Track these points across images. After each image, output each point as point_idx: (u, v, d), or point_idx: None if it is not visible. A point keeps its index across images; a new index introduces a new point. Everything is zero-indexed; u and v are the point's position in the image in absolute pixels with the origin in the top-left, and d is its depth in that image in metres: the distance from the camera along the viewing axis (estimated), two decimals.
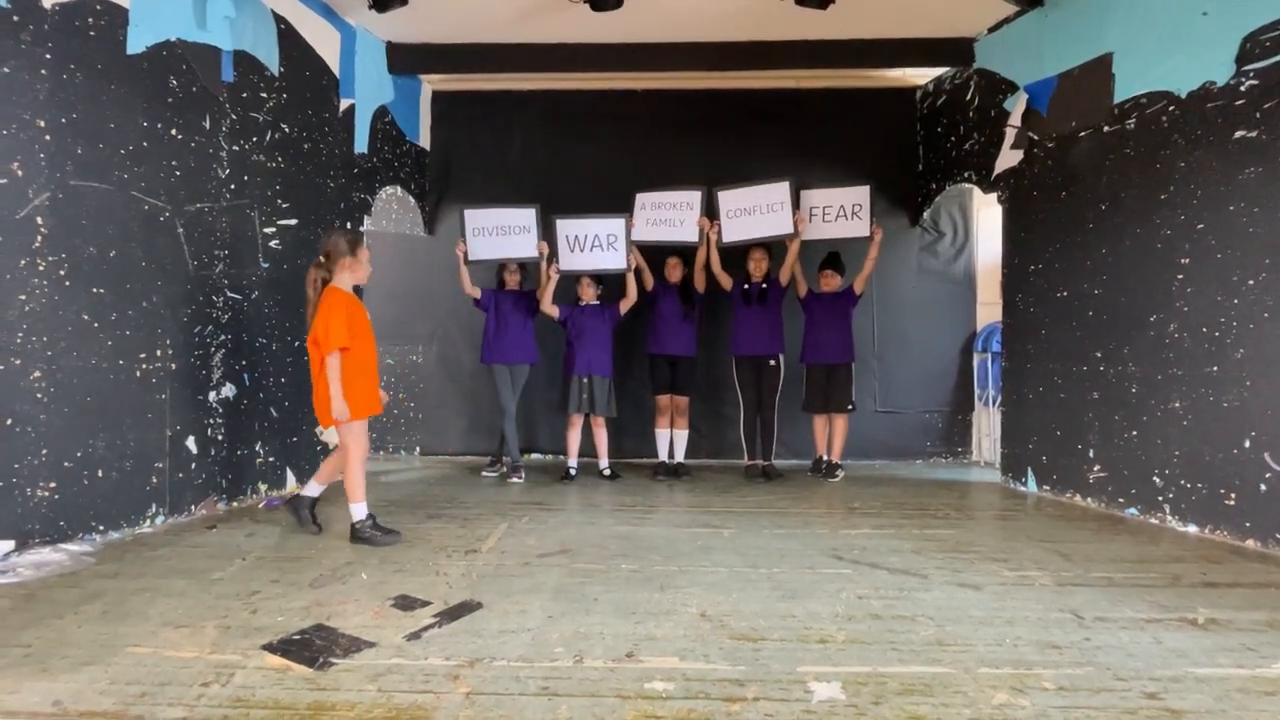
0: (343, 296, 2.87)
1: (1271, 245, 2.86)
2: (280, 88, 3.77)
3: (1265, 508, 2.86)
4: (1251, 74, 2.93)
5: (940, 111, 4.97)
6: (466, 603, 2.20)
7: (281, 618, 2.07)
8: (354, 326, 2.84)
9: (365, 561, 2.63)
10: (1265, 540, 2.85)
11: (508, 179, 5.21)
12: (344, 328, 2.78)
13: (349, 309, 2.85)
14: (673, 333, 4.37)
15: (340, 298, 2.86)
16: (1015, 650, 1.88)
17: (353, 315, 2.86)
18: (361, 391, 2.88)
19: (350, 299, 2.92)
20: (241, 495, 3.57)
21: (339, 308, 2.81)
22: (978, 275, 5.22)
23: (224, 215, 3.45)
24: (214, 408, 3.38)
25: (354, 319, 2.86)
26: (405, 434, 5.28)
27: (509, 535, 3.04)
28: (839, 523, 3.31)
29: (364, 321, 2.94)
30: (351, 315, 2.85)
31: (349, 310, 2.85)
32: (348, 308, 2.85)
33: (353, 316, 2.85)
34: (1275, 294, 2.85)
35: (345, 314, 2.81)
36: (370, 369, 2.95)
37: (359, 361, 2.88)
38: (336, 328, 2.77)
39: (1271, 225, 2.86)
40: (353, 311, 2.88)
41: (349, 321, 2.81)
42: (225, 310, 3.46)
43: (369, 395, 2.93)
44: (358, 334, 2.86)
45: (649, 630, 1.99)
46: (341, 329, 2.78)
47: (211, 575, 2.45)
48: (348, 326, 2.80)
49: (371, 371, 2.96)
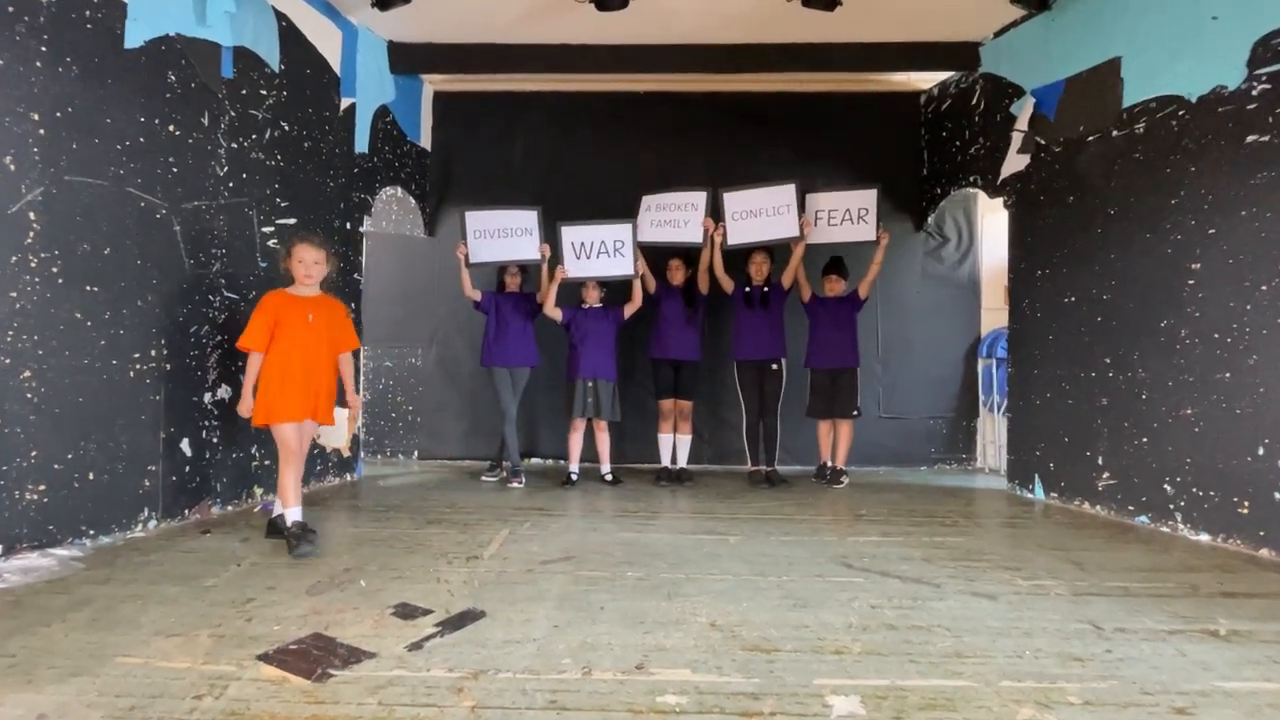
0: (269, 299, 2.86)
1: None
2: (280, 85, 3.72)
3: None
4: (1264, 78, 2.91)
5: (945, 116, 4.95)
6: (469, 611, 2.14)
7: (278, 626, 2.00)
8: (279, 329, 2.82)
9: (364, 568, 2.56)
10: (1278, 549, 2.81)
11: (509, 181, 5.16)
12: (257, 329, 2.79)
13: (274, 311, 2.83)
14: (676, 336, 4.32)
15: (266, 300, 2.86)
16: (1036, 662, 1.82)
17: (279, 318, 2.82)
18: (275, 395, 2.80)
19: (279, 301, 2.87)
20: (237, 499, 3.49)
21: (258, 309, 2.83)
22: (982, 280, 5.19)
23: (221, 213, 3.39)
24: (209, 409, 3.31)
25: (280, 322, 2.82)
26: (403, 438, 5.21)
27: (511, 541, 2.97)
28: (846, 530, 3.26)
29: (292, 324, 2.85)
30: (278, 318, 2.82)
31: (272, 313, 2.82)
32: (273, 310, 2.83)
33: (279, 320, 2.82)
34: None
35: (263, 315, 2.81)
36: (291, 373, 2.83)
37: (277, 365, 2.81)
38: (249, 328, 2.81)
39: None
40: (280, 315, 2.83)
41: (267, 324, 2.80)
42: (222, 310, 3.39)
43: (285, 400, 2.81)
44: (280, 337, 2.82)
45: (658, 640, 1.93)
46: (252, 330, 2.80)
47: (205, 582, 2.38)
48: (265, 329, 2.79)
49: (293, 376, 2.84)
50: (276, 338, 2.82)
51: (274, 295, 2.89)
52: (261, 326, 2.80)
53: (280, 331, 2.82)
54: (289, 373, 2.83)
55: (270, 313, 2.83)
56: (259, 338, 2.79)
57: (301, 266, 2.89)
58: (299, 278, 2.91)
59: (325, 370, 2.94)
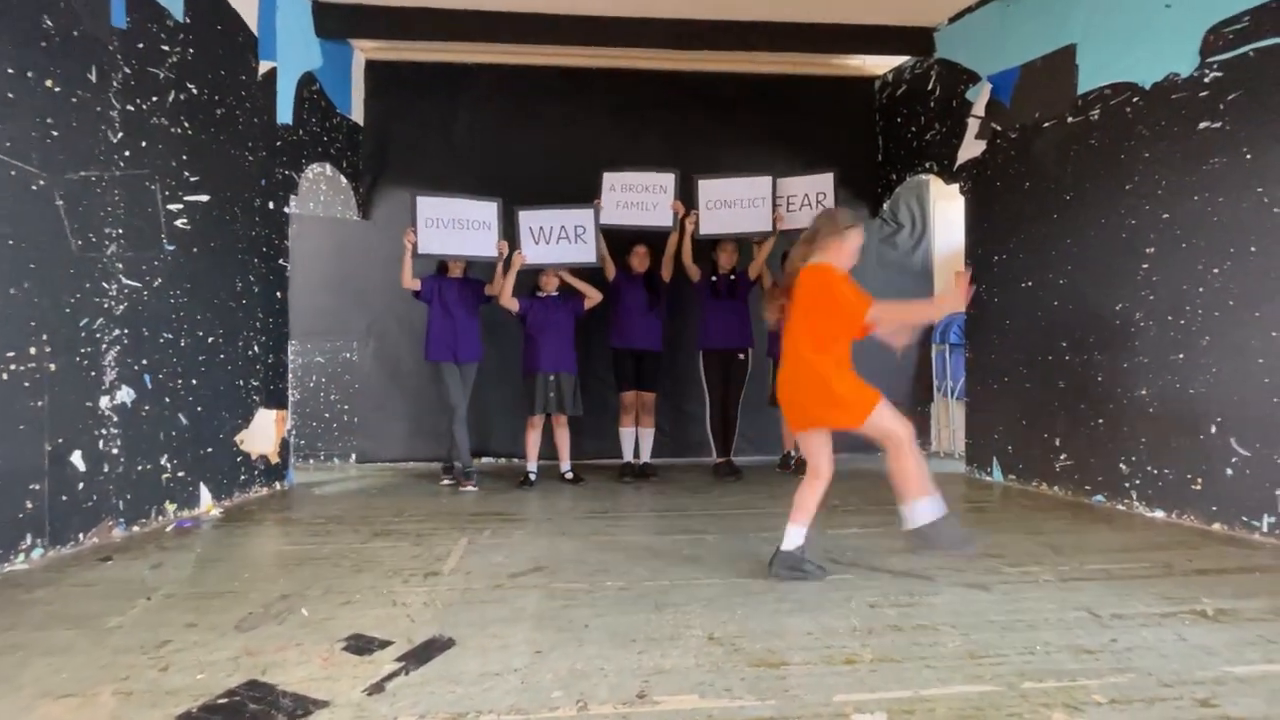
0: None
1: (1236, 234, 2.91)
2: (186, 41, 3.24)
3: (1231, 492, 2.92)
4: (1215, 66, 2.98)
5: (900, 101, 4.95)
6: (435, 639, 1.87)
7: (202, 675, 1.67)
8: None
9: (305, 593, 2.23)
10: (1232, 524, 2.91)
11: (451, 160, 4.79)
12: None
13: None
14: (638, 326, 4.12)
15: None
16: (1050, 658, 1.75)
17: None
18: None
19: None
20: (144, 519, 3.03)
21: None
22: (935, 267, 5.26)
23: (116, 187, 2.90)
24: (107, 416, 2.84)
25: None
26: (339, 440, 4.77)
27: (471, 552, 2.70)
28: (825, 522, 3.15)
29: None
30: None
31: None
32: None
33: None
34: (1240, 282, 2.90)
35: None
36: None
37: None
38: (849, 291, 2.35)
39: (1235, 215, 2.92)
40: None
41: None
42: (120, 300, 2.92)
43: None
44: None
45: (656, 661, 1.74)
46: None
47: (107, 622, 2.00)
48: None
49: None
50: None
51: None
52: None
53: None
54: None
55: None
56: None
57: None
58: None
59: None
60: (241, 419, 3.65)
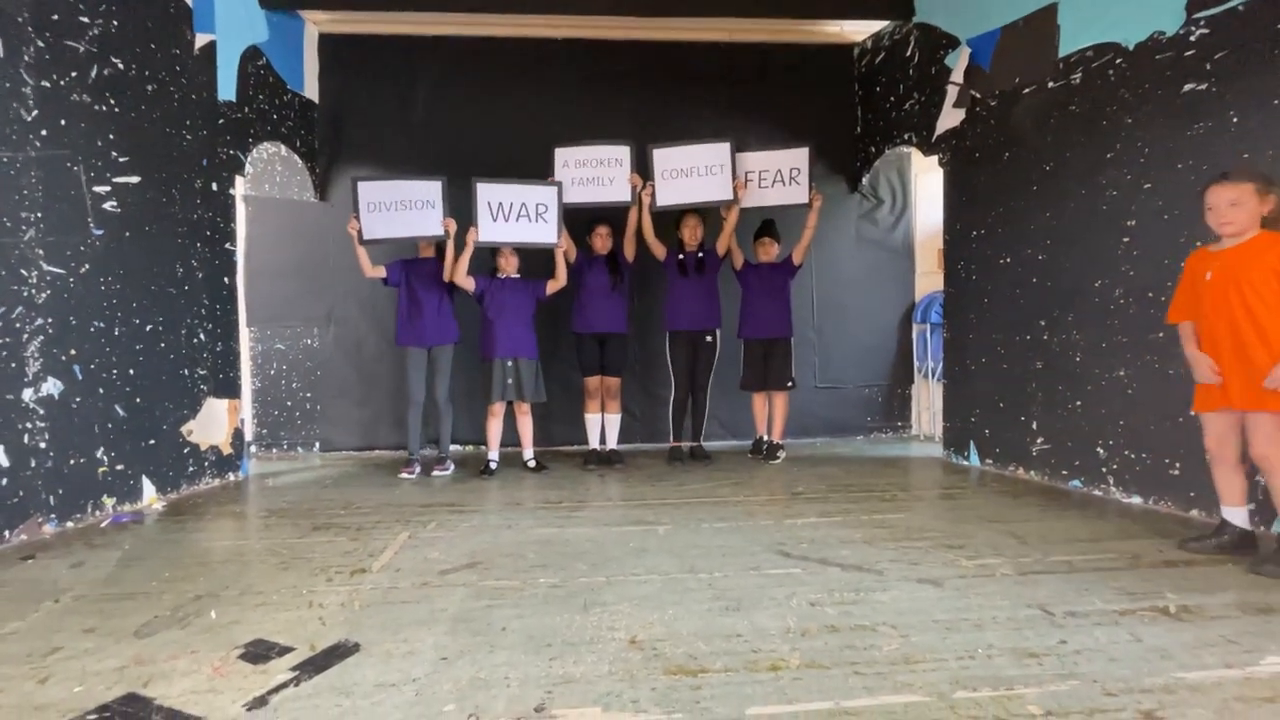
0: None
1: None
2: (107, 12, 3.06)
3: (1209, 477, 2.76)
4: (1202, 22, 2.78)
5: (879, 70, 4.73)
6: (339, 645, 1.77)
7: (80, 687, 1.57)
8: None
9: (221, 594, 2.13)
10: (1210, 510, 2.77)
11: (410, 137, 4.62)
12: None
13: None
14: (601, 308, 3.97)
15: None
16: (990, 663, 1.63)
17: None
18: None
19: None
20: (79, 514, 2.94)
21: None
22: (916, 244, 5.07)
23: (33, 168, 2.76)
24: (31, 409, 2.73)
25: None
26: (302, 429, 4.67)
27: (409, 547, 2.59)
28: (783, 511, 3.05)
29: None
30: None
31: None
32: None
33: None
34: None
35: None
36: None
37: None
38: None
39: None
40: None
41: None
42: (42, 287, 2.79)
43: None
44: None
45: (565, 669, 1.62)
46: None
47: (4, 627, 1.90)
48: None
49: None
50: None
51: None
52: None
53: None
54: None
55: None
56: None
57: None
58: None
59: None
60: (188, 409, 3.53)
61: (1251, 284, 2.21)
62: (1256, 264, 2.21)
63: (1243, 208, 2.24)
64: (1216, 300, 2.29)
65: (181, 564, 2.43)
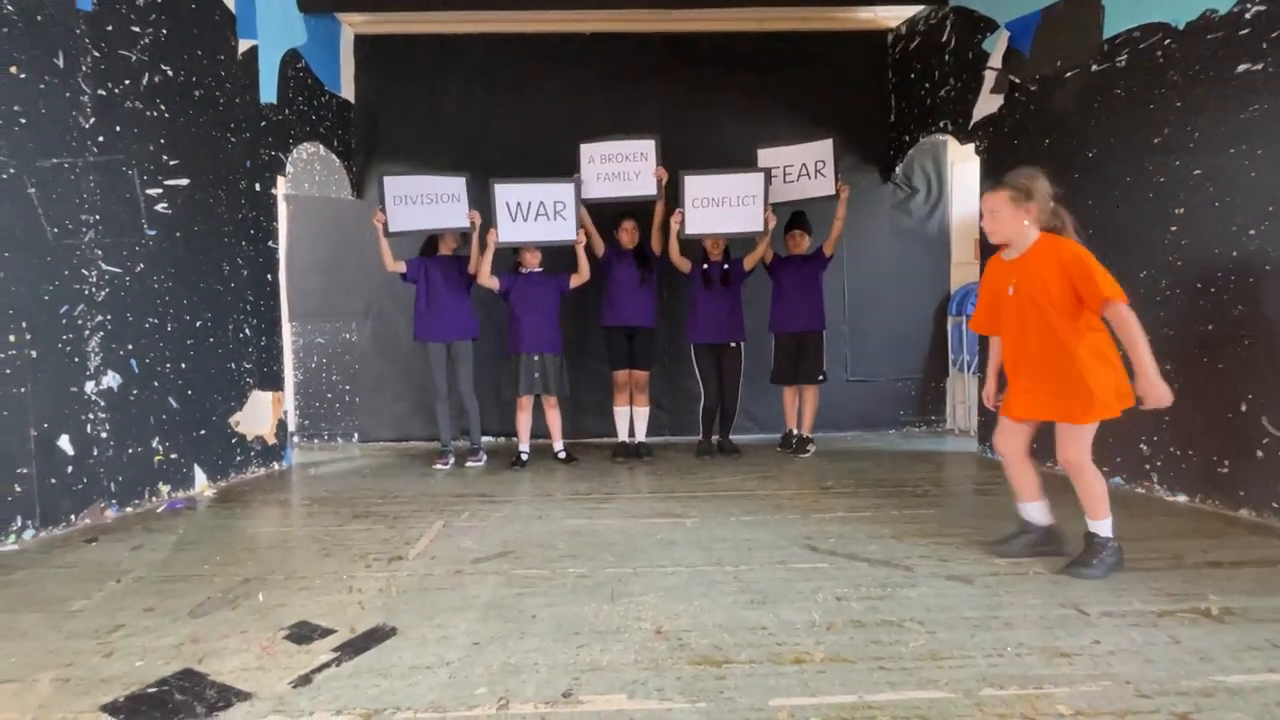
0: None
1: (1276, 190, 2.61)
2: (157, 21, 3.20)
3: (1261, 476, 2.67)
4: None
5: (914, 56, 4.61)
6: (378, 629, 1.84)
7: (141, 662, 1.68)
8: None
9: (268, 578, 2.24)
10: (1261, 510, 2.67)
11: (443, 134, 4.70)
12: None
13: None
14: (629, 301, 4.00)
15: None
16: (1020, 662, 1.61)
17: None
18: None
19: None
20: (137, 500, 3.11)
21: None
22: (952, 234, 4.96)
23: (91, 173, 2.91)
24: (93, 400, 2.90)
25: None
26: (341, 420, 4.83)
27: (443, 536, 2.68)
28: (811, 505, 3.04)
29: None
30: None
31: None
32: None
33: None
34: (1279, 244, 2.61)
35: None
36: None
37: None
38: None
39: (1275, 168, 2.61)
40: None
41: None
42: (101, 286, 2.95)
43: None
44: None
45: (593, 657, 1.67)
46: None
47: (71, 605, 2.04)
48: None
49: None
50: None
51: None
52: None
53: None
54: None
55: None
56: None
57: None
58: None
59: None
60: (235, 401, 3.70)
61: (1045, 291, 2.09)
62: (1039, 271, 2.10)
63: (998, 217, 2.15)
64: (1015, 312, 2.18)
65: (231, 549, 2.56)
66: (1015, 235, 2.16)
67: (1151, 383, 1.99)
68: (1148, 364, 1.98)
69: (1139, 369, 1.99)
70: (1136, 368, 2.00)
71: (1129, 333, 2.00)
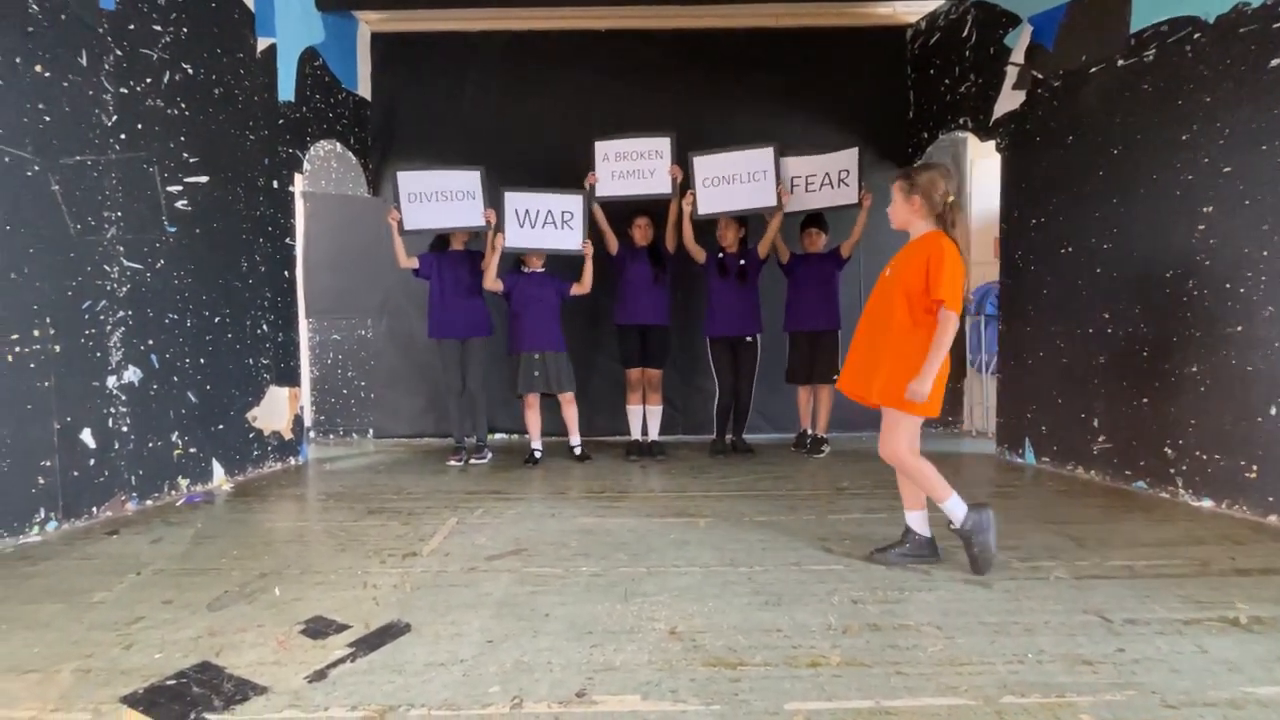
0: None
1: None
2: (178, 20, 3.23)
3: None
4: None
5: (933, 51, 4.55)
6: (392, 625, 1.85)
7: (160, 654, 1.69)
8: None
9: (284, 572, 2.26)
10: None
11: (458, 131, 4.71)
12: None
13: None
14: (642, 300, 3.98)
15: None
16: (1041, 669, 1.58)
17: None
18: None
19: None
20: (157, 493, 3.15)
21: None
22: (971, 232, 4.88)
23: (113, 170, 2.95)
24: (114, 395, 2.94)
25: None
26: (356, 416, 4.87)
27: (457, 532, 2.68)
28: (826, 506, 3.01)
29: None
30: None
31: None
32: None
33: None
34: None
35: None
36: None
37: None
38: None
39: None
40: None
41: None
42: (123, 282, 2.99)
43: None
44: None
45: (606, 656, 1.66)
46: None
47: (93, 596, 2.07)
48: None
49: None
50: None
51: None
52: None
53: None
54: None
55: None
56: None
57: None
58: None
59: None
60: (253, 397, 3.73)
61: (912, 279, 2.13)
62: (913, 259, 2.15)
63: (893, 206, 2.24)
64: (883, 293, 2.25)
65: (248, 543, 2.59)
66: (906, 224, 2.24)
67: (923, 382, 2.08)
68: (933, 368, 2.08)
69: (924, 367, 2.08)
70: (923, 366, 2.09)
71: (941, 336, 2.09)
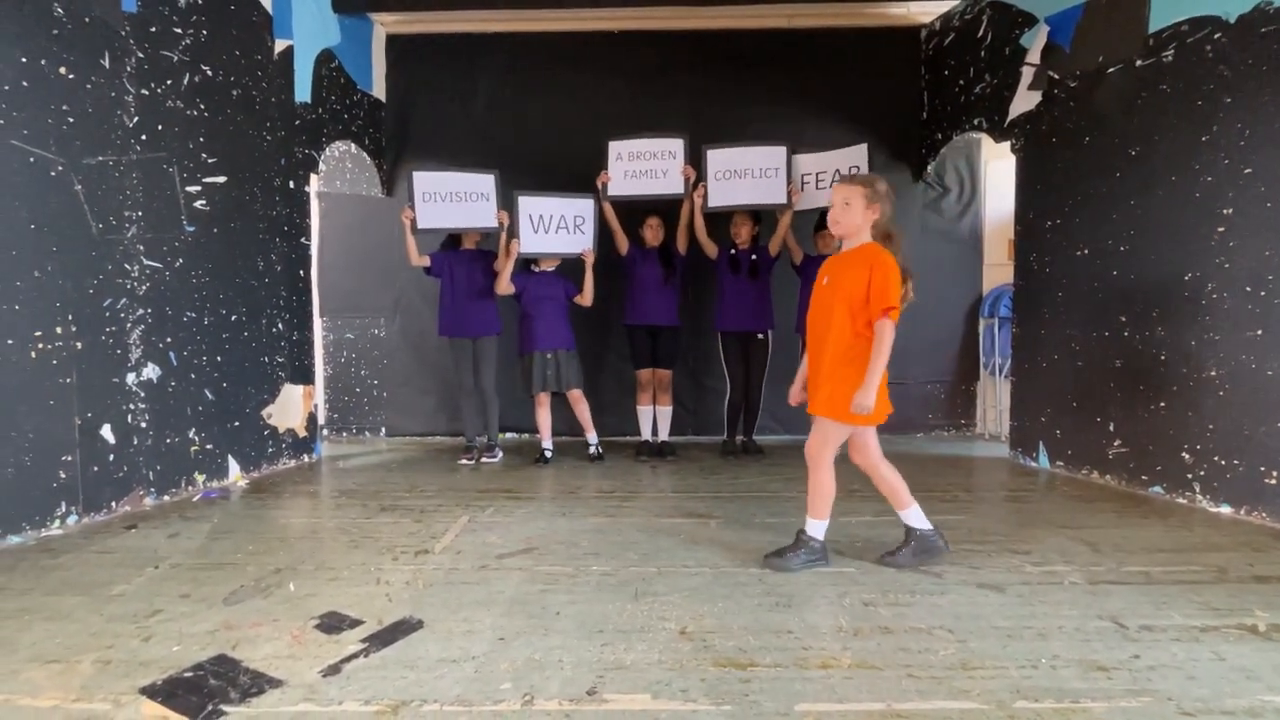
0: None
1: None
2: (198, 23, 3.28)
3: None
4: None
5: (948, 52, 4.52)
6: (404, 621, 1.87)
7: (178, 647, 1.72)
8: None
9: (298, 568, 2.29)
10: None
11: (472, 132, 4.75)
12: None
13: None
14: (653, 301, 3.99)
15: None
16: (1054, 674, 1.57)
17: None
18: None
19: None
20: (174, 489, 3.20)
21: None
22: (985, 234, 4.85)
23: (134, 170, 3.00)
24: (134, 391, 2.99)
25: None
26: (369, 414, 4.91)
27: (468, 531, 2.70)
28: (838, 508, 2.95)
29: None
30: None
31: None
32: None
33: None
34: None
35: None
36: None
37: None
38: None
39: None
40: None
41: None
42: (142, 280, 3.03)
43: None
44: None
45: (617, 655, 1.67)
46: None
47: (112, 589, 2.10)
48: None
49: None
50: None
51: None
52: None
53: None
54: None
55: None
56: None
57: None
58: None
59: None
60: (268, 394, 3.78)
61: (853, 288, 2.12)
62: (853, 270, 2.14)
63: (849, 210, 2.18)
64: (823, 303, 2.22)
65: (263, 538, 2.62)
66: (856, 230, 2.20)
67: (866, 394, 2.09)
68: (875, 378, 2.09)
69: (866, 378, 2.09)
70: (866, 377, 2.09)
71: (880, 345, 2.09)
